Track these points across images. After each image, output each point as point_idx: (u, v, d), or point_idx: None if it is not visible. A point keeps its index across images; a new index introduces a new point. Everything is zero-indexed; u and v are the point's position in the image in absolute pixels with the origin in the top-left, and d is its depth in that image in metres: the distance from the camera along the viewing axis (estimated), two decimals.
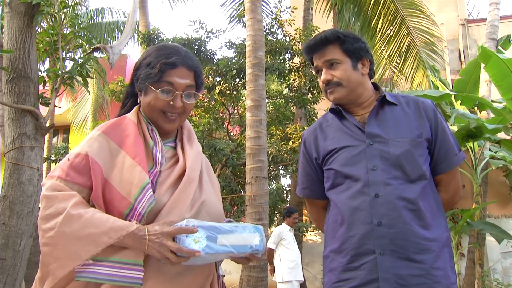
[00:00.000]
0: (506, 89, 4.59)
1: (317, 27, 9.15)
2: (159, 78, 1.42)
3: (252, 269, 5.64)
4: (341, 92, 1.74)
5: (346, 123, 1.77)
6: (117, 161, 1.34)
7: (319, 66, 1.79)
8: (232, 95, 8.84)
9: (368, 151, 1.65)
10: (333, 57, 1.74)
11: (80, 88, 9.23)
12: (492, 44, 6.79)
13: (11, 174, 3.15)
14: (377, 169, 1.62)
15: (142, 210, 1.27)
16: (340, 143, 1.73)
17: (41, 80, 3.44)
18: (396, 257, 1.53)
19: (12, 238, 3.06)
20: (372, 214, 1.58)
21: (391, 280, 1.51)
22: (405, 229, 1.54)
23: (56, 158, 8.76)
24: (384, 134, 1.67)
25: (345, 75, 1.72)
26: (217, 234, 1.26)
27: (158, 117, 1.46)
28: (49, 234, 1.24)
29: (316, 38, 1.78)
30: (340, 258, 1.63)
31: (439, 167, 1.71)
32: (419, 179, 1.61)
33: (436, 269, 1.53)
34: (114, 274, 1.22)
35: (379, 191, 1.59)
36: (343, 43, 1.74)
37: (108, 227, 1.22)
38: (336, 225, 1.69)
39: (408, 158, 1.62)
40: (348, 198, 1.65)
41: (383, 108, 1.74)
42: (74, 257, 1.22)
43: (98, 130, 1.39)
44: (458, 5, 12.47)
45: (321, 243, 9.98)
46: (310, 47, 1.80)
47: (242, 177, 8.16)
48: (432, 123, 1.70)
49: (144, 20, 10.65)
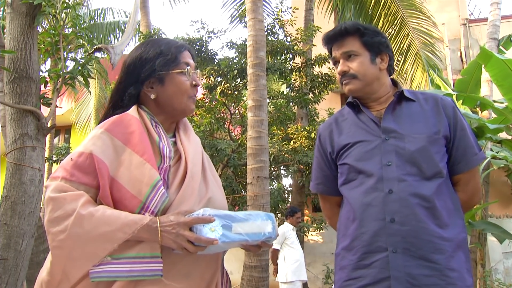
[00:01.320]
0: (507, 89, 4.56)
1: (318, 27, 9.15)
2: (178, 61, 1.45)
3: (254, 269, 5.64)
4: (356, 84, 1.71)
5: (362, 117, 1.73)
6: (123, 159, 1.31)
7: (337, 57, 1.76)
8: (233, 95, 8.84)
9: (383, 147, 1.62)
10: (351, 49, 1.71)
11: (82, 89, 9.25)
12: (493, 44, 6.77)
13: (12, 175, 3.16)
14: (392, 164, 1.59)
15: (154, 208, 1.26)
16: (355, 137, 1.70)
17: (43, 81, 3.45)
18: (409, 255, 1.49)
19: (14, 238, 3.06)
20: (385, 210, 1.54)
21: (403, 279, 1.47)
22: (419, 227, 1.51)
23: (57, 159, 8.79)
24: (400, 130, 1.63)
25: (361, 68, 1.70)
26: (232, 222, 1.26)
27: (187, 102, 1.47)
28: (60, 237, 1.21)
29: (336, 29, 1.75)
30: (350, 256, 1.61)
31: (458, 166, 1.66)
32: (435, 176, 1.58)
33: (451, 270, 1.49)
34: (134, 270, 1.21)
35: (393, 187, 1.56)
36: (363, 35, 1.72)
37: (121, 223, 1.21)
38: (348, 221, 1.66)
39: (424, 155, 1.58)
40: (361, 194, 1.62)
41: (401, 104, 1.71)
42: (91, 257, 1.21)
43: (101, 128, 1.35)
44: (460, 5, 12.45)
45: (322, 243, 9.98)
46: (330, 38, 1.77)
47: (244, 177, 8.17)
48: (451, 121, 1.65)
49: (145, 20, 10.65)
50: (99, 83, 11.62)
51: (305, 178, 8.55)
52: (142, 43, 1.53)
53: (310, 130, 8.32)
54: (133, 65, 1.46)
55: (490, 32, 6.93)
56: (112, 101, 1.50)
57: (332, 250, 9.70)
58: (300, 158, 7.94)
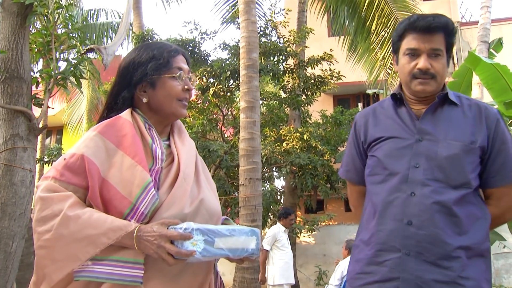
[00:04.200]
0: (497, 92, 4.61)
1: (311, 29, 9.19)
2: (170, 65, 1.46)
3: (246, 271, 5.65)
4: (433, 86, 1.61)
5: (401, 113, 1.67)
6: (115, 161, 1.33)
7: (420, 50, 1.61)
8: (226, 97, 8.84)
9: (415, 147, 1.58)
10: (440, 47, 1.61)
11: (74, 89, 9.20)
12: (484, 47, 6.84)
13: (3, 175, 3.14)
14: (420, 167, 1.55)
15: (145, 209, 1.27)
16: (389, 132, 1.66)
17: (34, 81, 3.43)
18: (422, 260, 1.47)
19: (4, 239, 3.04)
20: (404, 212, 1.52)
21: (412, 282, 1.46)
22: (435, 233, 1.48)
23: (49, 159, 8.71)
24: (436, 133, 1.58)
25: (442, 70, 1.62)
26: (214, 237, 1.27)
27: (176, 106, 1.47)
28: (45, 236, 1.22)
29: (428, 20, 1.60)
30: (367, 250, 1.60)
31: (492, 180, 1.59)
32: (462, 186, 1.52)
33: (465, 279, 1.46)
34: (113, 273, 1.21)
35: (416, 190, 1.53)
36: (449, 35, 1.63)
37: (106, 227, 1.21)
38: (370, 216, 1.65)
39: (455, 163, 1.53)
40: (384, 191, 1.60)
41: (443, 107, 1.64)
42: (73, 259, 1.21)
43: (94, 130, 1.37)
44: (451, 8, 12.56)
45: (315, 245, 9.99)
46: (421, 27, 1.61)
47: (236, 179, 8.16)
48: (491, 132, 1.58)
49: (138, 21, 10.63)
50: (92, 83, 11.55)
51: (297, 180, 8.57)
52: (136, 46, 1.54)
53: (302, 132, 8.34)
54: (127, 69, 1.48)
55: (480, 35, 6.99)
56: (107, 104, 1.53)
57: (324, 251, 9.71)
58: (292, 160, 7.96)
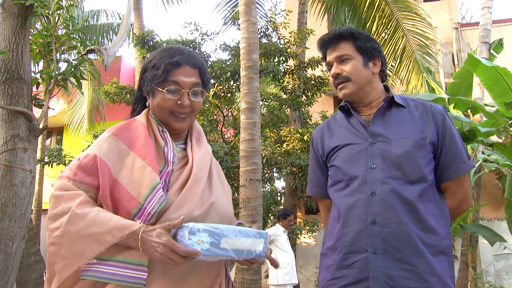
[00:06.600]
0: (498, 93, 4.62)
1: (311, 30, 9.18)
2: (164, 78, 1.44)
3: (246, 272, 5.63)
4: (351, 87, 1.74)
5: (352, 121, 1.78)
6: (127, 162, 1.36)
7: (331, 62, 1.80)
8: (226, 98, 8.84)
9: (370, 150, 1.66)
10: (345, 52, 1.76)
11: (75, 90, 9.20)
12: (484, 48, 6.83)
13: (3, 176, 3.14)
14: (376, 167, 1.62)
15: (152, 210, 1.28)
16: (344, 140, 1.75)
17: (35, 82, 3.43)
18: (389, 257, 1.51)
19: (4, 240, 3.04)
20: (367, 212, 1.57)
21: (381, 280, 1.50)
22: (400, 230, 1.53)
23: (49, 160, 8.70)
24: (387, 134, 1.67)
25: (354, 71, 1.74)
26: (220, 238, 1.26)
27: (169, 118, 1.48)
28: (55, 233, 1.26)
29: (330, 33, 1.81)
30: (334, 256, 1.64)
31: (446, 173, 1.67)
32: (419, 181, 1.59)
33: (431, 275, 1.50)
34: (117, 274, 1.23)
35: (376, 189, 1.58)
36: (356, 40, 1.77)
37: (111, 225, 1.23)
38: (334, 222, 1.70)
39: (409, 159, 1.60)
40: (346, 196, 1.65)
41: (391, 109, 1.75)
42: (79, 256, 1.23)
43: (108, 132, 1.43)
44: (452, 9, 12.57)
45: (315, 246, 9.99)
46: (324, 42, 1.82)
47: (236, 180, 8.15)
48: (439, 128, 1.67)
49: (138, 22, 10.61)
50: (92, 84, 11.55)
51: (297, 181, 8.56)
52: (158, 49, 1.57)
53: (302, 133, 8.33)
54: (141, 71, 1.55)
55: (481, 36, 6.99)
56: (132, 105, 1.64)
57: None
58: (292, 161, 7.95)
